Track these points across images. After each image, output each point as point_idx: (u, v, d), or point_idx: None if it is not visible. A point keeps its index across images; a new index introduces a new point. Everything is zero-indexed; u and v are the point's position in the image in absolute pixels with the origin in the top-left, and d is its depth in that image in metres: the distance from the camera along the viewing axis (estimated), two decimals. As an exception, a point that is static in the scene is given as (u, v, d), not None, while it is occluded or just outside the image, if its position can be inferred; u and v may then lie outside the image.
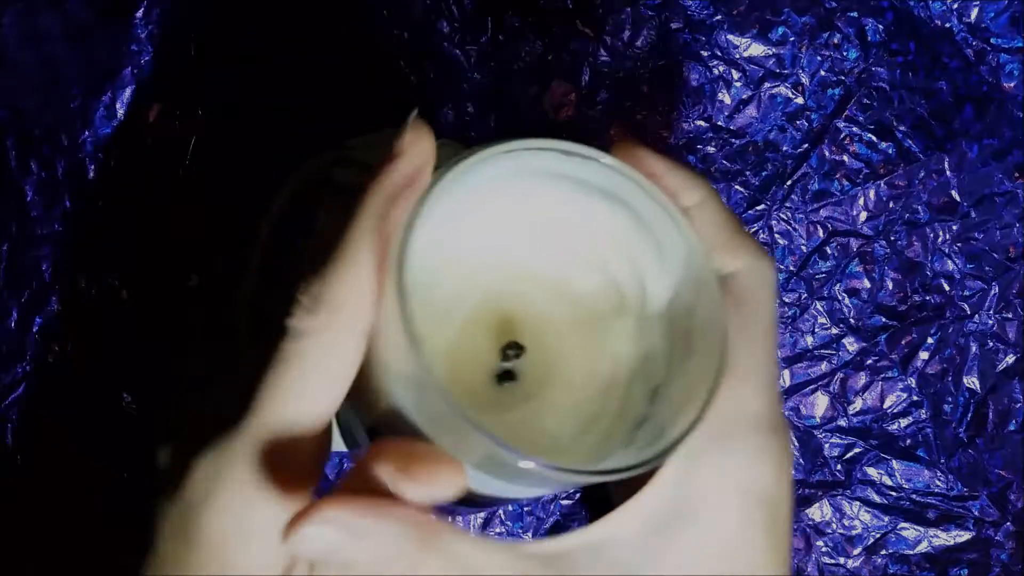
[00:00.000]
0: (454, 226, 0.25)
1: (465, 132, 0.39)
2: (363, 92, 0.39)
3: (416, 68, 0.39)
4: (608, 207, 0.25)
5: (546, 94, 0.39)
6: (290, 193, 0.38)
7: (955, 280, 0.39)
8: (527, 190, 0.25)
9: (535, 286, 0.27)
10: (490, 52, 0.39)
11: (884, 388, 0.40)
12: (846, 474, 0.40)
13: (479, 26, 0.39)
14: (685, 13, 0.39)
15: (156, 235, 0.39)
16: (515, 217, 0.26)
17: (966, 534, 0.40)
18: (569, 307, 0.27)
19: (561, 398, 0.26)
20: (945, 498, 0.40)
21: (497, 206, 0.25)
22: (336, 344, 0.21)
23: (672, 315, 0.25)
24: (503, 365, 0.26)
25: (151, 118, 0.39)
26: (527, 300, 0.27)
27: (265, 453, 0.21)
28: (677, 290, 0.24)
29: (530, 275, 0.27)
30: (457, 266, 0.26)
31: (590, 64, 0.39)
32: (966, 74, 0.39)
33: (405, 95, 0.39)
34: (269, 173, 0.39)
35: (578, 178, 0.24)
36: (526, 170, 0.24)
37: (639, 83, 0.39)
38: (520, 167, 0.23)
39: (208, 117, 0.39)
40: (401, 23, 0.39)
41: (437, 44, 0.39)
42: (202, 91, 0.39)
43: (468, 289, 0.26)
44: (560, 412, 0.26)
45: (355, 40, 0.39)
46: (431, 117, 0.39)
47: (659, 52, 0.39)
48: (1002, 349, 0.39)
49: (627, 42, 0.39)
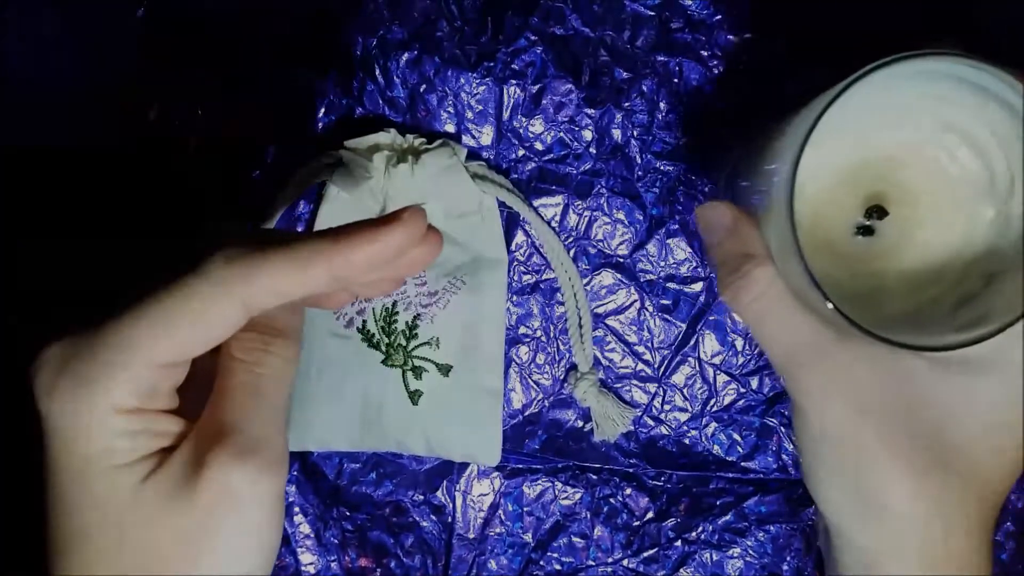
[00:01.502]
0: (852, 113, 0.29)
1: (465, 132, 0.39)
2: (363, 92, 0.39)
3: (416, 68, 0.39)
4: (1000, 110, 0.29)
5: (547, 94, 0.39)
6: (291, 193, 0.38)
7: (956, 280, 0.39)
8: (918, 85, 0.30)
9: (914, 159, 0.32)
10: (490, 52, 0.39)
11: (884, 388, 0.40)
12: (846, 474, 0.40)
13: (479, 26, 0.39)
14: (685, 13, 0.39)
15: (156, 235, 0.39)
16: (903, 103, 0.31)
17: (966, 534, 0.40)
18: (941, 185, 0.32)
19: (907, 261, 0.32)
20: (945, 498, 0.40)
21: (897, 94, 0.30)
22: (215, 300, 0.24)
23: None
24: (862, 221, 0.32)
25: (151, 118, 0.39)
26: (904, 172, 0.32)
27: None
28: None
29: (912, 148, 0.32)
30: (839, 136, 0.31)
31: (590, 64, 0.39)
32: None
33: (405, 95, 0.39)
34: (269, 173, 0.39)
35: (971, 81, 0.28)
36: (926, 71, 0.28)
37: (639, 83, 0.39)
38: (921, 69, 0.28)
39: (208, 117, 0.39)
40: (401, 23, 0.39)
41: (437, 44, 0.39)
42: (202, 91, 0.39)
43: (850, 149, 0.32)
44: (902, 272, 0.32)
45: (355, 40, 0.39)
46: (431, 117, 0.39)
47: (659, 52, 0.39)
48: (1003, 349, 0.39)
49: (627, 42, 0.39)
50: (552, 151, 0.39)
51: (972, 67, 0.27)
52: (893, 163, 0.32)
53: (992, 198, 0.31)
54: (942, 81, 0.29)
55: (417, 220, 0.25)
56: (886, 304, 0.32)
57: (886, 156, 0.32)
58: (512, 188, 0.39)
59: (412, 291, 0.38)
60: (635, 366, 0.40)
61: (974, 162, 0.31)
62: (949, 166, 0.32)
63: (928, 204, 0.32)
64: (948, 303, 0.30)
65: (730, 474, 0.40)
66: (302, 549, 0.40)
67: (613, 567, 0.40)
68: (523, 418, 0.40)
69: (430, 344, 0.38)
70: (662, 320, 0.40)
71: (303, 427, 0.38)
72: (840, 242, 0.32)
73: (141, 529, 0.24)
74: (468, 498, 0.40)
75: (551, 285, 0.39)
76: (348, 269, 0.25)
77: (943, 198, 0.32)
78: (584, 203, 0.39)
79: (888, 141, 0.32)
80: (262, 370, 0.26)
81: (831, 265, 0.32)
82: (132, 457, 0.24)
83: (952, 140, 0.31)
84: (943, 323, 0.28)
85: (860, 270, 0.32)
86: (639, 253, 0.39)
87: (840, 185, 0.32)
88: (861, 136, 0.32)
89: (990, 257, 0.31)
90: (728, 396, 0.40)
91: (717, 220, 0.30)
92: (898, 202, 0.32)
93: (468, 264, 0.38)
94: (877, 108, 0.31)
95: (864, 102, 0.29)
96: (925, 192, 0.32)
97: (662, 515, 0.40)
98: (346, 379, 0.38)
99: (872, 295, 0.32)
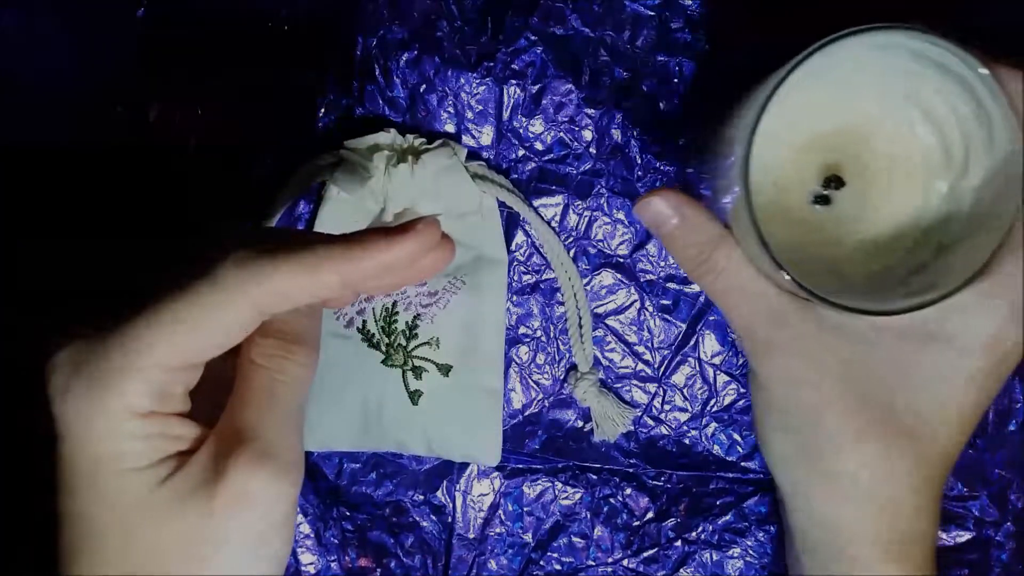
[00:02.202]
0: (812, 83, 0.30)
1: (465, 132, 0.39)
2: (363, 92, 0.39)
3: (416, 68, 0.39)
4: (957, 86, 0.30)
5: (547, 94, 0.39)
6: (291, 193, 0.38)
7: (956, 280, 0.39)
8: (882, 58, 0.30)
9: (872, 131, 0.33)
10: (490, 52, 0.39)
11: (884, 388, 0.40)
12: (846, 474, 0.40)
13: (479, 26, 0.39)
14: (685, 13, 0.39)
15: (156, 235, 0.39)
16: (865, 77, 0.31)
17: (966, 534, 0.40)
18: (899, 158, 0.33)
19: (863, 230, 0.33)
20: (945, 498, 0.40)
21: (850, 68, 0.31)
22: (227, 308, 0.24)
23: (981, 192, 0.30)
24: (819, 190, 0.33)
25: (151, 118, 0.39)
26: (862, 144, 0.33)
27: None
28: (994, 174, 0.30)
29: (873, 121, 0.33)
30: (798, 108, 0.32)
31: (590, 64, 0.39)
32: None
33: (405, 95, 0.39)
34: (269, 173, 0.39)
35: (933, 58, 0.29)
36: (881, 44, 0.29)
37: (639, 83, 0.39)
38: (877, 42, 0.29)
39: (208, 117, 0.39)
40: (401, 23, 0.39)
41: (437, 44, 0.39)
42: (202, 91, 0.39)
43: (807, 123, 0.33)
44: (858, 241, 0.33)
45: (355, 40, 0.39)
46: (431, 117, 0.39)
47: (659, 52, 0.39)
48: (1003, 349, 0.39)
49: (627, 42, 0.39)
50: (552, 151, 0.39)
51: (929, 42, 0.28)
52: (853, 135, 0.33)
53: (948, 172, 0.32)
54: (904, 56, 0.30)
55: (431, 231, 0.26)
56: (842, 272, 0.33)
57: (847, 128, 0.33)
58: (512, 188, 0.39)
59: (412, 291, 0.38)
60: (635, 366, 0.40)
61: (932, 137, 0.32)
62: (908, 140, 0.33)
63: (885, 176, 0.33)
64: (901, 272, 0.32)
65: (730, 474, 0.40)
66: (302, 549, 0.40)
67: (613, 567, 0.40)
68: (523, 418, 0.40)
69: (430, 344, 0.38)
70: (662, 320, 0.40)
71: (303, 427, 0.38)
72: (798, 211, 0.33)
73: (153, 530, 0.24)
74: (468, 498, 0.40)
75: (551, 285, 0.39)
76: (359, 275, 0.25)
77: (900, 171, 0.33)
78: (584, 203, 0.39)
79: (850, 114, 0.33)
80: (282, 377, 0.27)
81: (789, 234, 0.33)
82: (147, 460, 0.25)
83: (914, 115, 0.32)
84: (895, 291, 0.30)
85: (817, 239, 0.33)
86: (639, 253, 0.39)
87: (800, 155, 0.33)
88: (822, 108, 0.33)
89: (942, 229, 0.32)
90: (728, 396, 0.40)
91: (660, 213, 0.31)
92: (856, 173, 0.33)
93: (468, 264, 0.38)
94: (839, 81, 0.32)
95: (825, 75, 0.30)
96: (883, 165, 0.33)
97: (662, 515, 0.40)
98: (346, 379, 0.38)
99: (829, 263, 0.33)
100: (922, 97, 0.32)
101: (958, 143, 0.31)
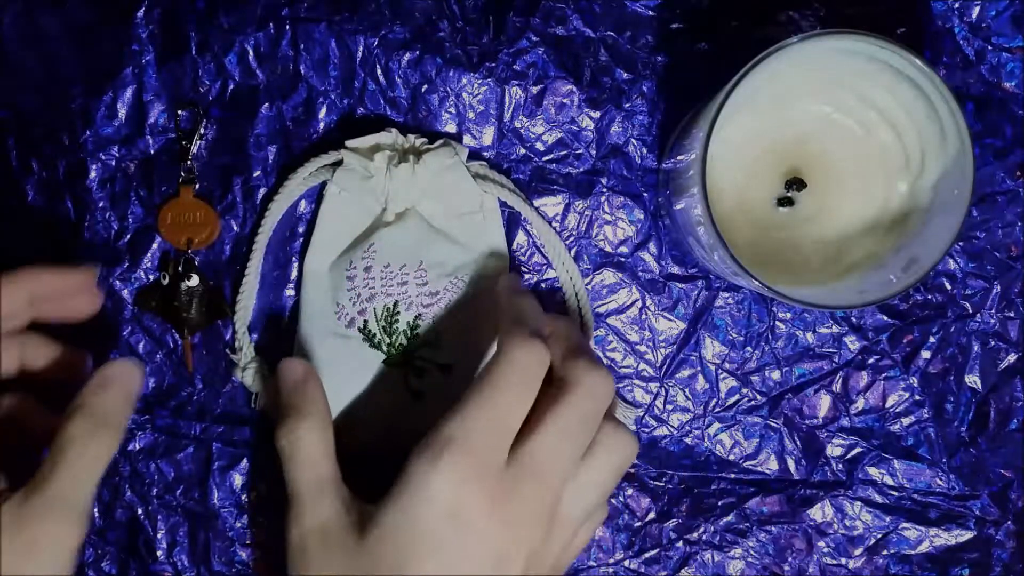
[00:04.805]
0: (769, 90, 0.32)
1: (466, 132, 0.39)
2: (364, 92, 0.39)
3: (417, 68, 0.39)
4: (910, 90, 0.32)
5: (548, 94, 0.39)
6: (291, 193, 0.38)
7: (957, 279, 0.39)
8: (839, 63, 0.32)
9: (832, 134, 0.34)
10: (491, 52, 0.39)
11: (886, 387, 0.40)
12: (847, 474, 0.40)
13: (480, 26, 0.39)
14: (685, 13, 0.39)
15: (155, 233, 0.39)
16: (823, 81, 0.33)
17: (967, 533, 0.40)
18: (859, 160, 0.34)
19: (826, 230, 0.35)
20: (946, 497, 0.40)
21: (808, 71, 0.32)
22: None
23: (938, 190, 0.32)
24: (782, 192, 0.35)
25: (151, 118, 0.39)
26: (821, 146, 0.35)
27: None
28: (946, 171, 0.32)
29: (833, 125, 0.34)
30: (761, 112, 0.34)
31: (590, 64, 0.39)
32: (966, 73, 0.39)
33: (407, 95, 0.39)
34: (269, 173, 0.39)
35: (884, 60, 0.31)
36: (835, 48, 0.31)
37: (639, 83, 0.39)
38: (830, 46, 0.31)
39: (208, 117, 0.39)
40: (403, 23, 0.39)
41: (439, 44, 0.39)
42: (202, 91, 0.39)
43: (766, 128, 0.34)
44: (821, 240, 0.35)
45: (356, 40, 0.39)
46: (433, 117, 0.39)
47: (659, 53, 0.39)
48: (1004, 348, 0.39)
49: (628, 42, 0.39)
50: (553, 151, 0.39)
51: (881, 47, 0.30)
52: (814, 138, 0.35)
53: (906, 173, 0.34)
54: (859, 61, 0.31)
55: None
56: (805, 270, 0.35)
57: (807, 131, 0.35)
58: (513, 188, 0.39)
59: (413, 291, 0.38)
60: (637, 365, 0.40)
61: (890, 139, 0.34)
62: (867, 142, 0.34)
63: (845, 178, 0.35)
64: (860, 270, 0.34)
65: (731, 474, 0.40)
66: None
67: (614, 568, 0.40)
68: (524, 418, 0.40)
69: (431, 344, 0.38)
70: (664, 319, 0.39)
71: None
72: (763, 213, 0.35)
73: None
74: (469, 499, 0.40)
75: (552, 284, 0.39)
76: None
77: (859, 172, 0.34)
78: (585, 203, 0.39)
79: (809, 117, 0.35)
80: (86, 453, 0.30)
81: (754, 235, 0.35)
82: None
83: (872, 118, 0.34)
84: (853, 287, 0.33)
85: (781, 238, 0.35)
86: (640, 252, 0.39)
87: (762, 157, 0.35)
88: (782, 112, 0.34)
89: (901, 228, 0.34)
90: (730, 396, 0.40)
91: (289, 374, 0.35)
92: (817, 175, 0.35)
93: (469, 264, 0.38)
94: (797, 85, 0.33)
95: (785, 80, 0.32)
96: (843, 167, 0.35)
97: (663, 516, 0.40)
98: (347, 379, 0.38)
99: (792, 262, 0.35)
100: (879, 100, 0.33)
101: (914, 142, 0.33)
